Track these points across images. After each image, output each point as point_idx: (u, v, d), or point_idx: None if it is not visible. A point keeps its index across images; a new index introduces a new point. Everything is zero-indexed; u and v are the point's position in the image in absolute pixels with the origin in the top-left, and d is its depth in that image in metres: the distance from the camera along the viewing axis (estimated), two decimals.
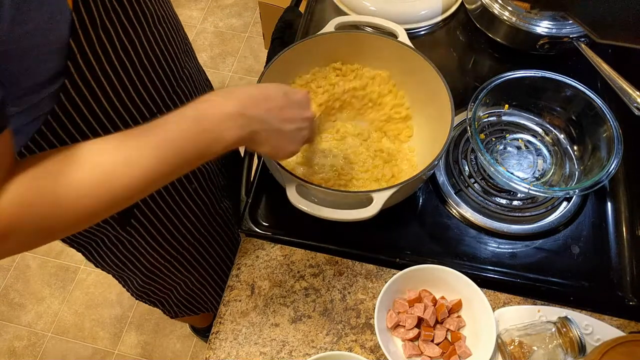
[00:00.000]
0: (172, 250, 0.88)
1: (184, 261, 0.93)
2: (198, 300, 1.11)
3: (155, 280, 0.96)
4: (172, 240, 0.86)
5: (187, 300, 1.09)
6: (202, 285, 1.05)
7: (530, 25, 0.91)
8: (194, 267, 0.96)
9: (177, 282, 1.00)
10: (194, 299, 1.09)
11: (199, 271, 0.99)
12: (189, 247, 0.91)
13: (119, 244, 0.82)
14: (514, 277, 0.76)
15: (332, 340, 0.71)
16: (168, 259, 0.90)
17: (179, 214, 0.84)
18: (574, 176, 0.83)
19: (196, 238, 0.91)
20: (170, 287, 1.02)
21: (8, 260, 1.79)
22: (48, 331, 1.66)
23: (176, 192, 0.80)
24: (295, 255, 0.77)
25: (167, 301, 1.07)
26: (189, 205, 0.84)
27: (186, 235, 0.88)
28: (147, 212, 0.78)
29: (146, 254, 0.86)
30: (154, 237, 0.83)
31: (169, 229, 0.84)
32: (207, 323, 1.55)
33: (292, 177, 0.66)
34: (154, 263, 0.89)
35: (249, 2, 2.40)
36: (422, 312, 0.69)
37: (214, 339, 0.71)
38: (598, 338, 0.68)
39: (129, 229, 0.79)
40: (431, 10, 1.03)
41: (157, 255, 0.87)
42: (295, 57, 0.81)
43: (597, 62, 0.80)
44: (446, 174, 0.84)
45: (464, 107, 0.84)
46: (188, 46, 0.80)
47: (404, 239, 0.79)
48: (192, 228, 0.88)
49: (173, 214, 0.82)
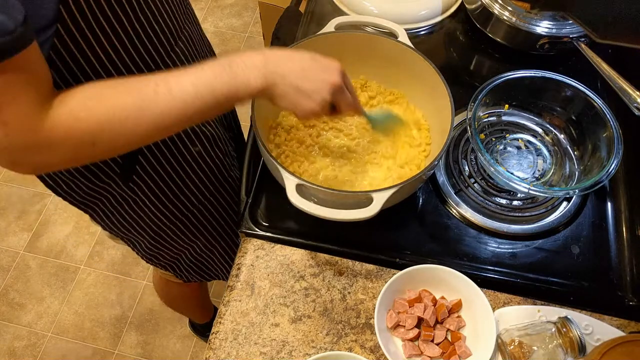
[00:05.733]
0: (177, 212, 0.89)
1: (189, 225, 0.94)
2: (208, 267, 1.11)
3: (162, 244, 0.96)
4: (177, 202, 0.87)
5: (197, 266, 1.09)
6: (210, 252, 1.05)
7: (530, 25, 0.91)
8: (200, 232, 0.97)
9: (184, 246, 1.00)
10: (203, 265, 1.10)
11: (207, 237, 1.00)
12: (194, 210, 0.92)
13: (123, 203, 0.84)
14: (514, 277, 0.76)
15: (332, 340, 0.71)
16: (173, 220, 0.91)
17: (183, 176, 0.85)
18: (574, 176, 0.83)
19: (201, 202, 0.92)
20: (178, 252, 1.02)
21: (8, 260, 1.79)
22: (48, 331, 1.66)
23: (179, 153, 0.82)
24: (295, 255, 0.77)
25: (177, 266, 1.07)
26: (193, 167, 0.86)
27: (191, 198, 0.89)
28: (149, 170, 0.80)
29: (150, 214, 0.87)
30: (158, 197, 0.84)
31: (172, 189, 0.85)
32: (207, 319, 1.55)
33: (292, 177, 0.66)
34: (159, 225, 0.90)
35: (249, 2, 2.40)
36: (422, 312, 0.69)
37: (214, 339, 0.71)
38: (598, 338, 0.68)
39: (132, 185, 0.80)
40: (431, 10, 1.03)
41: (161, 216, 0.88)
42: None
43: (597, 62, 0.80)
44: (446, 174, 0.84)
45: (464, 107, 0.84)
46: (189, 10, 0.80)
47: (404, 239, 0.79)
48: (197, 192, 0.89)
49: (176, 174, 0.84)
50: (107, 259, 1.79)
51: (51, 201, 1.91)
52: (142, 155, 0.77)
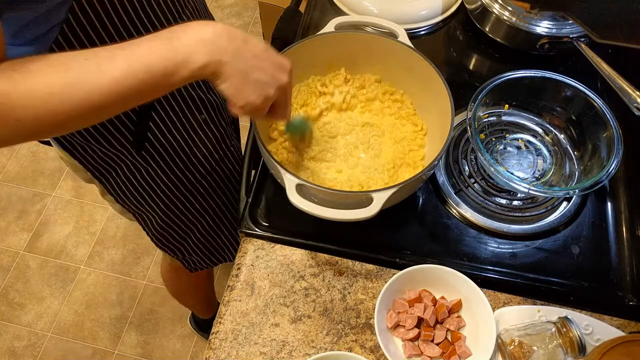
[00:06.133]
0: (187, 181, 0.91)
1: (198, 196, 0.96)
2: (215, 247, 1.11)
3: (172, 219, 0.98)
4: (186, 171, 0.89)
5: (204, 246, 1.09)
6: (217, 227, 1.06)
7: (530, 25, 0.91)
8: (208, 203, 0.99)
9: (193, 222, 1.01)
10: (211, 245, 1.10)
11: (214, 209, 1.01)
12: (202, 180, 0.94)
13: (136, 172, 0.85)
14: (514, 277, 0.76)
15: (332, 340, 0.71)
16: (183, 191, 0.92)
17: (191, 144, 0.86)
18: (574, 176, 0.83)
19: (209, 172, 0.94)
20: (187, 231, 1.03)
21: (8, 260, 1.79)
22: (48, 331, 1.66)
23: (187, 121, 0.84)
24: (295, 255, 0.77)
25: (185, 248, 1.08)
26: (200, 136, 0.87)
27: (199, 167, 0.91)
28: (161, 138, 0.82)
29: (162, 184, 0.89)
30: (169, 165, 0.86)
31: (181, 157, 0.87)
32: (211, 314, 1.55)
33: (292, 177, 0.66)
34: (170, 196, 0.92)
35: (249, 2, 2.40)
36: (422, 312, 0.69)
37: (214, 339, 0.71)
38: (598, 338, 0.68)
39: (144, 154, 0.82)
40: (431, 10, 1.03)
41: (172, 186, 0.90)
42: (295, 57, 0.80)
43: (597, 62, 0.80)
44: (446, 174, 0.84)
45: (464, 107, 0.84)
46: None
47: (404, 239, 0.79)
48: (205, 161, 0.91)
49: (185, 142, 0.85)
50: (107, 259, 1.79)
51: (51, 201, 1.91)
52: (153, 122, 0.79)
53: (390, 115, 0.86)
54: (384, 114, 0.86)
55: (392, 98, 0.87)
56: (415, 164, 0.81)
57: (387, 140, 0.84)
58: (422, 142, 0.84)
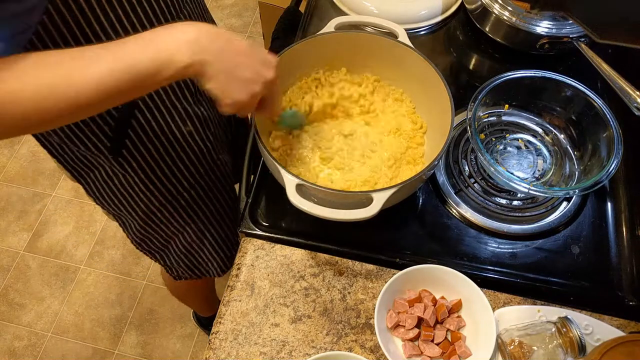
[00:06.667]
0: (167, 193, 0.88)
1: (179, 208, 0.93)
2: (198, 260, 1.09)
3: (152, 227, 0.96)
4: (166, 182, 0.87)
5: (186, 257, 1.07)
6: (200, 241, 1.04)
7: (530, 25, 0.91)
8: (190, 217, 0.96)
9: (174, 232, 0.99)
10: (193, 257, 1.08)
11: (197, 223, 0.98)
12: (184, 192, 0.90)
13: (114, 177, 0.83)
14: (514, 277, 0.76)
15: (332, 340, 0.71)
16: (163, 202, 0.90)
17: (173, 155, 0.84)
18: (574, 176, 0.83)
19: (192, 185, 0.91)
20: (168, 239, 1.01)
21: (8, 260, 1.79)
22: (48, 331, 1.66)
23: (170, 132, 0.81)
24: (295, 255, 0.77)
25: (166, 255, 1.06)
26: (184, 147, 0.84)
27: (181, 179, 0.88)
28: (139, 145, 0.79)
29: (140, 193, 0.86)
30: (147, 175, 0.83)
31: (162, 168, 0.84)
32: (212, 312, 1.55)
33: (292, 177, 0.66)
34: (149, 205, 0.89)
35: (249, 2, 2.40)
36: (422, 312, 0.69)
37: (214, 339, 0.71)
38: (598, 338, 0.68)
39: (122, 161, 0.79)
40: (431, 10, 1.03)
41: (151, 196, 0.87)
42: (295, 57, 0.81)
43: (597, 62, 0.80)
44: (446, 174, 0.84)
45: (464, 107, 0.84)
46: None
47: (404, 239, 0.79)
48: (187, 173, 0.88)
49: (166, 153, 0.83)
50: (107, 259, 1.79)
51: (51, 201, 1.91)
52: (132, 129, 0.76)
53: (390, 114, 0.86)
54: (384, 113, 0.86)
55: (392, 97, 0.87)
56: (416, 162, 0.82)
57: (386, 138, 0.84)
58: (421, 140, 0.84)
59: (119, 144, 0.77)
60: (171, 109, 0.80)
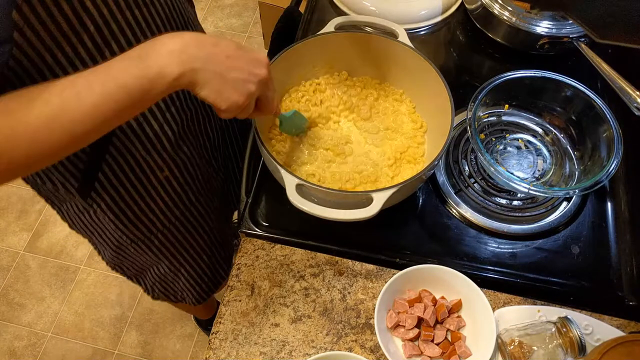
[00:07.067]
0: (139, 233, 0.87)
1: (152, 246, 0.91)
2: (173, 288, 1.09)
3: (124, 258, 0.95)
4: (138, 224, 0.85)
5: (162, 285, 1.07)
6: (175, 275, 1.03)
7: (530, 25, 0.91)
8: (163, 254, 0.95)
9: (147, 265, 0.98)
10: (169, 286, 1.07)
11: (170, 260, 0.97)
12: (157, 233, 0.89)
13: (85, 212, 0.82)
14: (514, 277, 0.76)
15: (332, 340, 0.71)
16: (134, 240, 0.88)
17: (147, 199, 0.82)
18: (574, 176, 0.83)
19: (165, 226, 0.89)
20: (141, 269, 1.00)
21: (8, 260, 1.79)
22: (48, 331, 1.66)
23: (144, 176, 0.79)
24: (295, 255, 0.77)
25: (142, 279, 1.06)
26: (159, 192, 0.83)
27: (155, 221, 0.87)
28: (109, 189, 0.77)
29: (110, 230, 0.85)
30: (118, 216, 0.82)
31: (134, 211, 0.82)
32: (210, 315, 1.55)
33: (292, 177, 0.66)
34: (120, 241, 0.88)
35: (249, 2, 2.40)
36: (422, 312, 0.69)
37: (214, 339, 0.71)
38: (598, 338, 0.68)
39: (91, 201, 0.78)
40: (431, 10, 1.03)
41: (122, 234, 0.86)
42: (295, 57, 0.81)
43: (597, 62, 0.80)
44: (446, 174, 0.84)
45: (464, 107, 0.84)
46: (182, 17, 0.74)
47: (404, 239, 0.79)
48: (162, 216, 0.87)
49: (139, 196, 0.81)
50: None
51: None
52: (102, 173, 0.74)
53: (391, 114, 0.86)
54: (384, 113, 0.86)
55: (392, 97, 0.87)
56: (417, 161, 0.82)
57: (387, 137, 0.84)
58: (422, 139, 0.84)
59: (87, 187, 0.75)
60: (146, 157, 0.77)
